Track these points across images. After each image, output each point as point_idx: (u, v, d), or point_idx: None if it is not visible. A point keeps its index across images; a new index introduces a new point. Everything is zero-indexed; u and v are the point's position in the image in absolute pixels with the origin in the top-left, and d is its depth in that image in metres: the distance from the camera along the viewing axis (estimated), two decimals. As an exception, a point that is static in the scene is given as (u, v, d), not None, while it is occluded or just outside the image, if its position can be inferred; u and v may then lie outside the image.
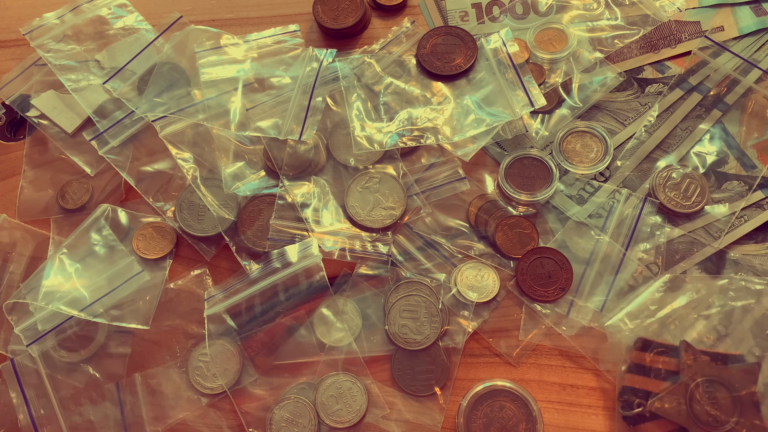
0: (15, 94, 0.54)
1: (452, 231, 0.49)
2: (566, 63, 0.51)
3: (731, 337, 0.43)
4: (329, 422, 0.44)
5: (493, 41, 0.50)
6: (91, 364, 0.47)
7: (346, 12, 0.54)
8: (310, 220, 0.48)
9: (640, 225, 0.47)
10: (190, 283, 0.49)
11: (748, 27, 0.51)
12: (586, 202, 0.48)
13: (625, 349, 0.43)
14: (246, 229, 0.48)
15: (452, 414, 0.45)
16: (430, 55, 0.50)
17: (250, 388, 0.46)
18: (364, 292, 0.47)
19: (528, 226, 0.48)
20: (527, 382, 0.45)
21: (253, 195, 0.49)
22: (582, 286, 0.46)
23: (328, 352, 0.46)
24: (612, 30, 0.51)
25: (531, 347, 0.46)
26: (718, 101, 0.50)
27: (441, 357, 0.45)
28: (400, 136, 0.47)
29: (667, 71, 0.51)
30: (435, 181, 0.49)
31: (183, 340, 0.48)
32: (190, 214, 0.50)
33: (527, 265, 0.46)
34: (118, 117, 0.51)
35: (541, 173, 0.48)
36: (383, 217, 0.48)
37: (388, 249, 0.47)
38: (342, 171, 0.50)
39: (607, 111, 0.51)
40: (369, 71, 0.50)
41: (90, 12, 0.54)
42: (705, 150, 0.49)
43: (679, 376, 0.41)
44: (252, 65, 0.50)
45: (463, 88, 0.49)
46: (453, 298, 0.46)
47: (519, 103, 0.47)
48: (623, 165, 0.49)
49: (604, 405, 0.44)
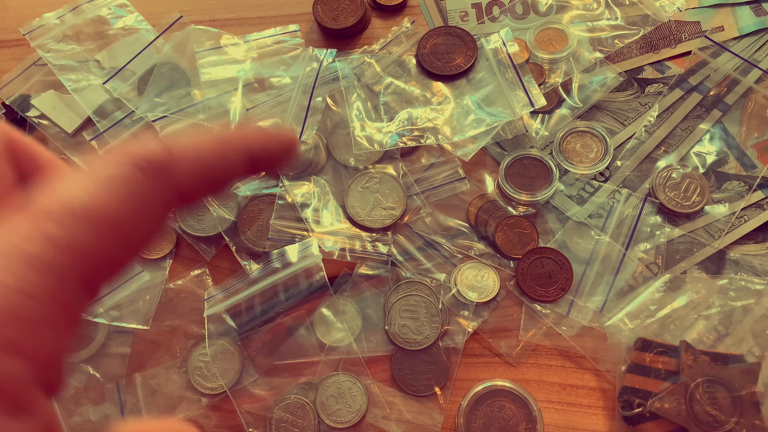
0: (15, 94, 0.54)
1: (452, 231, 0.49)
2: (566, 63, 0.51)
3: (731, 337, 0.43)
4: (329, 422, 0.44)
5: (493, 41, 0.50)
6: (91, 364, 0.47)
7: (346, 12, 0.54)
8: (310, 220, 0.48)
9: (640, 225, 0.47)
10: (190, 283, 0.49)
11: (748, 27, 0.51)
12: (586, 202, 0.48)
13: (625, 349, 0.43)
14: (246, 229, 0.48)
15: (452, 414, 0.45)
16: (430, 55, 0.50)
17: (250, 388, 0.46)
18: (364, 292, 0.47)
19: (528, 226, 0.48)
20: (527, 382, 0.45)
21: (253, 195, 0.49)
22: (582, 286, 0.46)
23: (328, 352, 0.46)
24: (612, 30, 0.51)
25: (531, 347, 0.46)
26: (718, 101, 0.50)
27: (441, 357, 0.45)
28: (400, 136, 0.47)
29: (667, 71, 0.51)
30: (435, 181, 0.49)
31: (183, 340, 0.48)
32: (190, 214, 0.50)
33: (527, 265, 0.46)
34: (118, 117, 0.51)
35: (541, 173, 0.48)
36: (383, 217, 0.48)
37: (388, 249, 0.48)
38: (342, 171, 0.50)
39: (607, 111, 0.51)
40: (369, 71, 0.50)
41: (90, 12, 0.54)
42: (705, 150, 0.49)
43: (679, 376, 0.41)
44: (252, 65, 0.50)
45: (463, 88, 0.49)
46: (453, 298, 0.46)
47: (519, 103, 0.47)
48: (623, 165, 0.49)
49: (604, 405, 0.44)
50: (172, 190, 0.16)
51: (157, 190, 0.16)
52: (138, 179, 0.16)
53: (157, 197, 0.16)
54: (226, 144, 0.18)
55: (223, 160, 0.18)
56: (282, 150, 0.20)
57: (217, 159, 0.18)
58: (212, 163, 0.17)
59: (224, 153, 0.18)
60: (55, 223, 0.14)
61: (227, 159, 0.18)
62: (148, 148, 0.16)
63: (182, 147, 0.17)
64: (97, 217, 0.15)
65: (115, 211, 0.15)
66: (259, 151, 0.19)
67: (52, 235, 0.14)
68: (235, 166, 0.18)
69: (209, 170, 0.17)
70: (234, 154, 0.18)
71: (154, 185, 0.16)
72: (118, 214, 0.15)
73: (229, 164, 0.18)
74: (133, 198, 0.15)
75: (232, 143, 0.18)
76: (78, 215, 0.14)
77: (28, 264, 0.14)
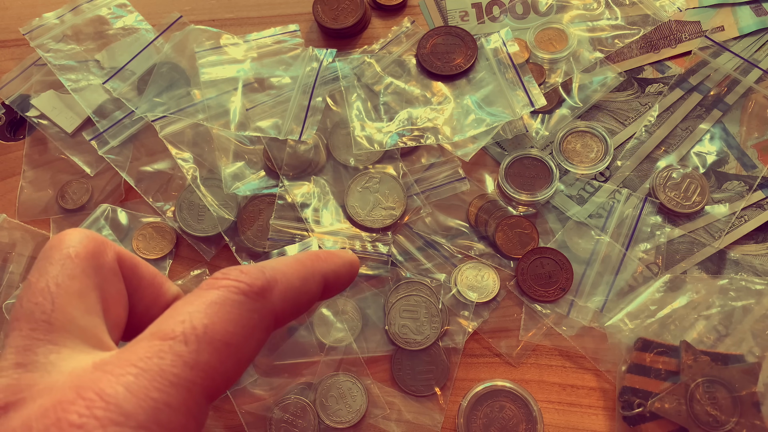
0: (15, 94, 0.54)
1: (452, 231, 0.48)
2: (566, 63, 0.51)
3: (731, 337, 0.43)
4: (329, 422, 0.44)
5: (493, 41, 0.50)
6: (91, 365, 0.47)
7: (346, 12, 0.54)
8: (310, 220, 0.48)
9: (641, 225, 0.47)
10: (190, 283, 0.49)
11: (748, 27, 0.51)
12: (586, 202, 0.48)
13: (625, 349, 0.43)
14: (246, 229, 0.48)
15: (452, 414, 0.45)
16: (430, 55, 0.50)
17: (250, 388, 0.46)
18: (364, 292, 0.47)
19: (528, 226, 0.48)
20: (527, 382, 0.45)
21: (253, 195, 0.49)
22: (582, 286, 0.46)
23: (328, 352, 0.46)
24: (612, 30, 0.51)
25: (531, 347, 0.46)
26: (718, 101, 0.50)
27: (441, 357, 0.45)
28: (400, 136, 0.47)
29: (668, 71, 0.51)
30: (435, 181, 0.49)
31: (183, 340, 0.48)
32: (190, 214, 0.50)
33: (527, 265, 0.46)
34: (117, 117, 0.51)
35: (541, 173, 0.48)
36: (383, 217, 0.48)
37: (388, 249, 0.47)
38: (342, 171, 0.50)
39: (607, 111, 0.51)
40: (369, 71, 0.50)
41: (90, 12, 0.54)
42: (705, 150, 0.49)
43: (679, 376, 0.41)
44: (252, 65, 0.50)
45: (463, 88, 0.49)
46: (453, 298, 0.46)
47: (519, 103, 0.47)
48: (623, 165, 0.49)
49: (604, 405, 0.44)
50: (270, 312, 0.19)
51: (259, 312, 0.18)
52: (244, 303, 0.18)
53: (258, 318, 0.18)
54: (308, 271, 0.21)
55: (306, 286, 0.21)
56: (349, 273, 0.23)
57: (302, 284, 0.20)
58: (299, 289, 0.20)
59: (307, 279, 0.21)
60: (184, 344, 0.16)
61: (309, 285, 0.21)
62: (250, 274, 0.19)
63: (275, 273, 0.19)
64: (214, 338, 0.17)
65: (229, 333, 0.17)
66: (331, 276, 0.22)
67: (183, 354, 0.16)
68: (316, 291, 0.21)
69: (297, 294, 0.20)
70: (314, 280, 0.21)
71: (257, 308, 0.18)
72: (231, 334, 0.17)
73: (311, 290, 0.21)
74: (242, 320, 0.18)
75: (311, 270, 0.21)
76: (200, 337, 0.17)
77: (167, 380, 0.16)
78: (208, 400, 0.17)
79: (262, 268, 0.19)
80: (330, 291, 0.22)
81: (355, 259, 0.23)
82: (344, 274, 0.23)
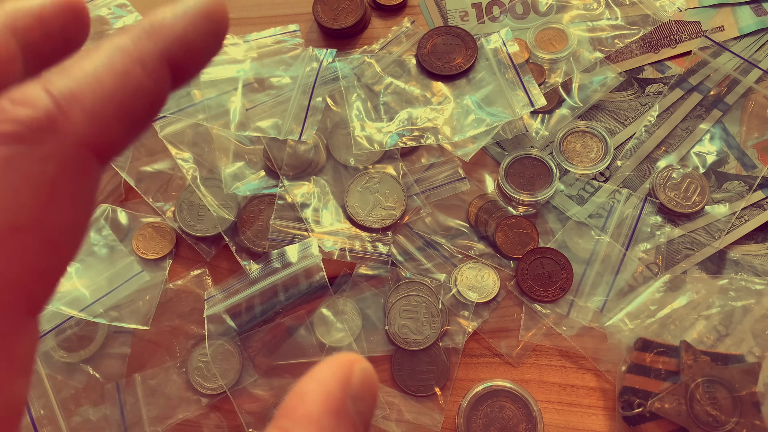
0: (15, 94, 0.54)
1: (452, 231, 0.48)
2: (566, 63, 0.51)
3: (731, 337, 0.43)
4: (329, 422, 0.44)
5: (493, 41, 0.50)
6: (90, 365, 0.47)
7: (346, 12, 0.54)
8: (310, 220, 0.48)
9: (641, 225, 0.47)
10: (190, 283, 0.49)
11: (748, 27, 0.51)
12: (586, 202, 0.48)
13: (625, 350, 0.43)
14: (246, 229, 0.48)
15: (452, 414, 0.45)
16: (430, 55, 0.50)
17: (250, 389, 0.46)
18: (364, 293, 0.47)
19: (528, 226, 0.48)
20: (527, 382, 0.45)
21: (253, 195, 0.49)
22: (582, 286, 0.46)
23: (328, 352, 0.46)
24: (612, 30, 0.51)
25: (531, 347, 0.46)
26: (718, 101, 0.50)
27: (441, 357, 0.45)
28: (400, 136, 0.47)
29: (667, 71, 0.51)
30: (435, 181, 0.49)
31: (183, 341, 0.48)
32: (190, 214, 0.50)
33: (527, 265, 0.46)
34: (117, 117, 0.51)
35: (541, 173, 0.48)
36: (383, 217, 0.48)
37: (388, 249, 0.47)
38: (342, 171, 0.50)
39: (607, 111, 0.51)
40: (369, 71, 0.50)
41: (90, 12, 0.54)
42: (705, 150, 0.49)
43: (679, 376, 0.41)
44: (252, 65, 0.50)
45: (463, 88, 0.49)
46: (453, 298, 0.46)
47: (519, 103, 0.47)
48: (623, 165, 0.49)
49: (604, 405, 0.44)
50: (74, 147, 0.12)
51: (54, 159, 0.12)
52: (21, 155, 0.12)
53: (56, 169, 0.12)
54: (128, 57, 0.13)
55: (132, 80, 0.13)
56: (207, 30, 0.14)
57: (124, 80, 0.13)
58: (122, 88, 0.13)
59: (129, 72, 0.13)
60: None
61: (138, 77, 0.13)
62: (26, 103, 0.12)
63: (69, 84, 0.12)
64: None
65: (9, 210, 0.11)
66: (177, 48, 0.14)
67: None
68: (156, 80, 0.14)
69: (120, 98, 0.13)
70: (144, 66, 0.13)
71: (49, 152, 0.12)
72: (11, 210, 0.11)
73: (144, 84, 0.13)
74: (26, 182, 0.12)
75: (134, 54, 0.13)
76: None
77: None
78: (30, 313, 0.12)
79: (47, 84, 0.12)
80: (186, 69, 0.14)
81: (222, 7, 0.15)
82: (199, 35, 0.14)
